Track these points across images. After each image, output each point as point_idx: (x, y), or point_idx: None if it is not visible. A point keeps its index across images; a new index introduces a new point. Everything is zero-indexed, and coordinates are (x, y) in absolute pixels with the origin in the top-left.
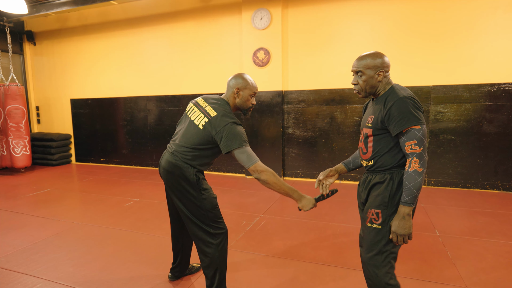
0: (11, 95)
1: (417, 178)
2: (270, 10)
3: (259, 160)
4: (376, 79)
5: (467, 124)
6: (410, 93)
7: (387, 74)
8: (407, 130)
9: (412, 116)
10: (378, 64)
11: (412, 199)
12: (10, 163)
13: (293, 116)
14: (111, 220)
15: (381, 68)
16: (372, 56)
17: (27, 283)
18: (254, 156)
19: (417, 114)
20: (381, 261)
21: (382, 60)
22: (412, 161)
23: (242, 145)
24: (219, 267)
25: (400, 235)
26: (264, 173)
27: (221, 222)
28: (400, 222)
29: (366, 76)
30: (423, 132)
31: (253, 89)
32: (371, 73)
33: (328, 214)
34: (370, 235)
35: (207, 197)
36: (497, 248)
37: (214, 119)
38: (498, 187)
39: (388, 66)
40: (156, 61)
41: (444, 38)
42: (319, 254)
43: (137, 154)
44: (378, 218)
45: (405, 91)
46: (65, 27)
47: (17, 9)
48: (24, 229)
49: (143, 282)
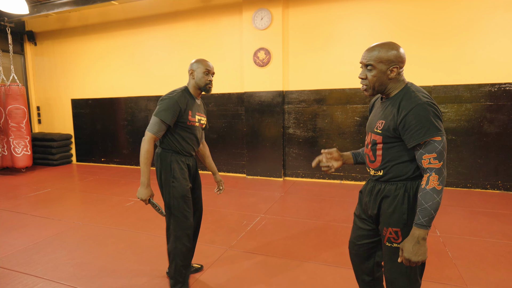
0: (12, 95)
1: (435, 197)
2: (271, 10)
3: (155, 133)
4: (388, 75)
5: (467, 124)
6: (428, 97)
7: (401, 70)
8: (425, 141)
9: (432, 126)
10: (393, 58)
11: (428, 221)
12: (11, 163)
13: (293, 116)
14: (112, 220)
15: (396, 63)
16: (386, 46)
17: (28, 283)
18: (153, 128)
19: (437, 124)
20: (409, 283)
21: (398, 52)
22: (431, 177)
23: (156, 114)
24: (174, 259)
25: (413, 262)
26: (143, 142)
27: (186, 214)
28: (414, 248)
29: (376, 70)
30: (444, 144)
31: (205, 66)
32: (383, 67)
33: (328, 214)
34: (390, 255)
35: (177, 186)
36: (498, 248)
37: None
38: (499, 187)
39: (403, 61)
40: (156, 61)
41: (445, 38)
42: (319, 254)
43: (138, 154)
44: (398, 237)
45: (423, 95)
46: (66, 27)
47: (18, 9)
48: (25, 229)
49: (143, 282)
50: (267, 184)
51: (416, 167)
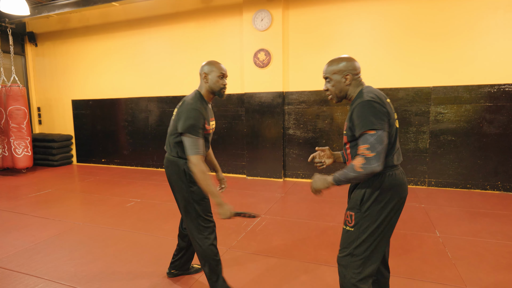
0: (12, 96)
1: (351, 173)
2: (271, 11)
3: (200, 153)
4: (344, 83)
5: (467, 125)
6: (373, 96)
7: (355, 77)
8: (361, 134)
9: (367, 121)
10: (343, 68)
11: (338, 180)
12: (11, 164)
13: (293, 117)
14: (112, 220)
15: (347, 71)
16: (337, 61)
17: (29, 283)
18: (196, 147)
19: (373, 119)
20: (349, 263)
21: (347, 63)
22: (358, 158)
23: (190, 133)
24: (207, 261)
25: (312, 188)
26: (195, 167)
27: (209, 216)
28: (318, 181)
29: (333, 81)
30: (379, 137)
31: (220, 69)
32: (337, 77)
33: (329, 214)
34: (343, 236)
35: (195, 190)
36: (497, 248)
37: (181, 105)
38: (499, 188)
39: (355, 69)
40: (157, 62)
41: (445, 39)
42: (320, 254)
43: (138, 155)
44: (351, 220)
45: (370, 94)
46: (67, 28)
47: (19, 11)
48: (26, 229)
49: (144, 282)
50: (267, 185)
51: None
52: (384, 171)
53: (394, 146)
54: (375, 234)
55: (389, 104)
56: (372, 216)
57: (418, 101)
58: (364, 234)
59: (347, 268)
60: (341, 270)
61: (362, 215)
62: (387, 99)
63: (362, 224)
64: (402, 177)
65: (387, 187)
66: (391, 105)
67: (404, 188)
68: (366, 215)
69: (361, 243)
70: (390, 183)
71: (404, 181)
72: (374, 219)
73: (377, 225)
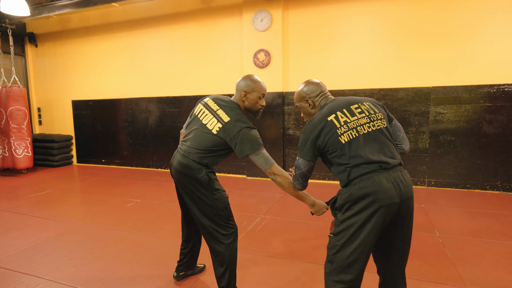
0: (13, 96)
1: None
2: (271, 11)
3: (275, 163)
4: (309, 107)
5: (467, 125)
6: (311, 123)
7: (315, 99)
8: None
9: (299, 148)
10: (302, 94)
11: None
12: (12, 164)
13: (293, 117)
14: (113, 220)
15: (306, 97)
16: (298, 88)
17: (30, 283)
18: (270, 160)
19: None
20: (329, 270)
21: (301, 90)
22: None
23: (257, 149)
24: (229, 265)
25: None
26: (279, 177)
27: (231, 221)
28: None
29: (301, 108)
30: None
31: (261, 91)
32: (303, 104)
33: (328, 214)
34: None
35: (219, 197)
36: (497, 248)
37: (227, 125)
38: (498, 188)
39: (314, 91)
40: (157, 62)
41: (444, 39)
42: (319, 254)
43: (138, 155)
44: (333, 227)
45: (312, 121)
46: (67, 29)
47: (19, 11)
48: (26, 229)
49: (144, 282)
50: (267, 185)
51: (343, 177)
52: (352, 180)
53: (354, 159)
54: (352, 242)
55: (337, 117)
56: (347, 223)
57: (417, 101)
58: (340, 241)
59: (327, 274)
60: (324, 276)
61: (338, 222)
62: (332, 115)
63: (339, 231)
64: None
65: (359, 195)
66: (352, 112)
67: (380, 197)
68: (341, 222)
69: (339, 250)
70: (361, 191)
71: (379, 189)
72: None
73: (351, 233)
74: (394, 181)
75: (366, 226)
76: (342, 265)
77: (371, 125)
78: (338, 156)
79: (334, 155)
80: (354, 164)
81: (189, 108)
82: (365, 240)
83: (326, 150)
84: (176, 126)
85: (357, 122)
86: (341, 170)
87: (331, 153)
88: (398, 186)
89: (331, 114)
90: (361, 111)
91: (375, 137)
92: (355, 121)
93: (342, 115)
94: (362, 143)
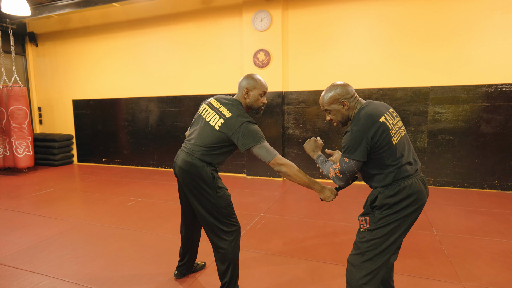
0: (14, 96)
1: (325, 170)
2: (271, 12)
3: (278, 153)
4: (343, 109)
5: (465, 124)
6: (356, 126)
7: (351, 99)
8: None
9: (345, 149)
10: (337, 96)
11: (319, 162)
12: (13, 164)
13: (293, 117)
14: (114, 219)
15: (340, 98)
16: (328, 91)
17: (34, 280)
18: (273, 151)
19: (350, 149)
20: (360, 263)
21: (335, 93)
22: (334, 170)
23: (259, 142)
24: (232, 262)
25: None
26: (284, 166)
27: (234, 219)
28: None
29: (333, 111)
30: (349, 166)
31: (262, 88)
32: (336, 106)
33: (327, 213)
34: (357, 237)
35: (222, 195)
36: (493, 246)
37: (229, 120)
38: (496, 187)
39: (349, 93)
40: (157, 62)
41: (443, 39)
42: (318, 252)
43: (139, 155)
44: (366, 224)
45: (359, 121)
46: (67, 29)
47: (20, 11)
48: (29, 228)
49: (146, 279)
50: (267, 184)
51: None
52: (397, 181)
53: (400, 160)
54: (390, 236)
55: (386, 119)
56: (385, 221)
57: (416, 101)
58: (376, 236)
59: (357, 268)
60: (350, 269)
61: (376, 220)
62: (382, 116)
63: (376, 227)
64: (419, 185)
65: (406, 194)
66: (392, 116)
67: (420, 197)
68: (379, 218)
69: (375, 244)
70: (407, 191)
71: (419, 189)
72: (387, 223)
73: (390, 229)
74: (423, 182)
75: (404, 223)
76: (374, 257)
77: (403, 129)
78: (387, 156)
79: (384, 156)
80: (400, 165)
81: (189, 107)
82: (402, 234)
83: (377, 150)
84: (176, 126)
85: (397, 125)
86: (387, 170)
87: (382, 153)
88: (426, 188)
89: (380, 115)
90: (396, 115)
91: (407, 141)
92: (396, 124)
93: (389, 117)
94: (403, 146)
